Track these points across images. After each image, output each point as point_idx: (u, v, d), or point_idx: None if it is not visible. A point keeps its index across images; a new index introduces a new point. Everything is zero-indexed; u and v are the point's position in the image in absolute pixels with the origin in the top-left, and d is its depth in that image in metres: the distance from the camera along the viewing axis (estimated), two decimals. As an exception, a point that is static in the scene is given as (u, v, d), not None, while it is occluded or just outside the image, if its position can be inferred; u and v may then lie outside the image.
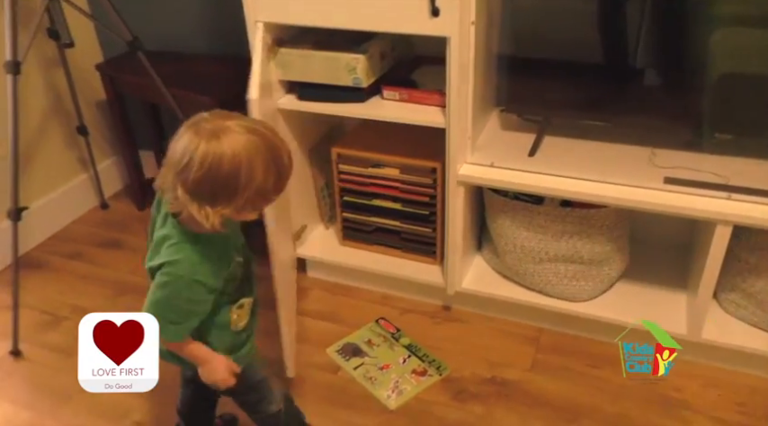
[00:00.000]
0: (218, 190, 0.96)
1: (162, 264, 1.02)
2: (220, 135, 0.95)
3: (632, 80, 1.61)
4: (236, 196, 0.97)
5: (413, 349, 1.69)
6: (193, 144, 0.94)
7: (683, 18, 1.49)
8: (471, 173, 1.57)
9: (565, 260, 1.63)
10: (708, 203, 1.40)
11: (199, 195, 0.96)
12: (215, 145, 0.94)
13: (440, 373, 1.61)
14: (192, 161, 0.94)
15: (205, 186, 0.95)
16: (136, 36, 1.81)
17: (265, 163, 0.97)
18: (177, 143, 0.97)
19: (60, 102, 2.22)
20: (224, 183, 0.95)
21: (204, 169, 0.94)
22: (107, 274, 2.07)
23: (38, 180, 2.20)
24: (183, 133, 0.97)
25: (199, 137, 0.95)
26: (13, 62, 1.63)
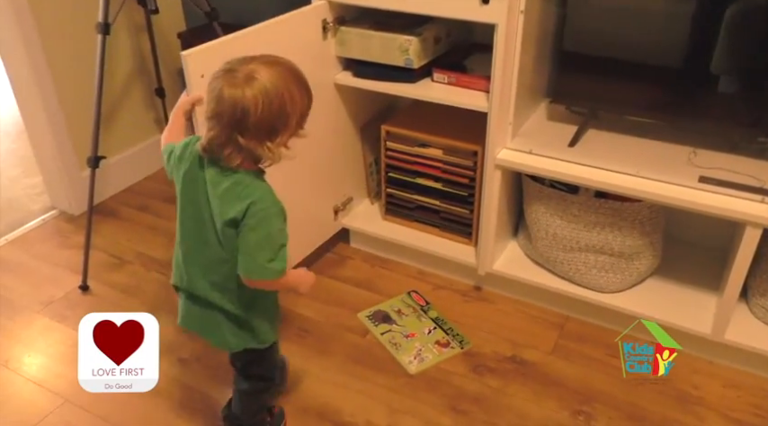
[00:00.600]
0: (275, 123, 1.08)
1: (247, 207, 1.09)
2: (255, 76, 1.05)
3: (681, 81, 1.62)
4: (288, 122, 1.10)
5: (439, 322, 1.77)
6: (238, 94, 1.04)
7: (742, 21, 1.49)
8: (509, 157, 1.63)
9: (595, 250, 1.66)
10: (739, 204, 1.41)
11: (259, 135, 1.07)
12: (257, 86, 1.05)
13: (462, 347, 1.69)
14: (246, 109, 1.04)
15: (264, 124, 1.06)
16: (213, 7, 1.96)
17: (297, 85, 1.11)
18: (218, 102, 1.06)
19: (144, 65, 2.41)
20: (278, 114, 1.07)
21: (259, 110, 1.05)
22: (170, 226, 2.23)
23: (118, 135, 2.41)
24: (219, 90, 1.06)
25: (237, 87, 1.04)
26: (104, 23, 1.80)
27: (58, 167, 2.25)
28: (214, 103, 1.07)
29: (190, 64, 1.33)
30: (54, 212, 2.36)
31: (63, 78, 2.14)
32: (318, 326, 1.77)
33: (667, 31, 1.55)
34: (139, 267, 2.06)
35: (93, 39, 1.84)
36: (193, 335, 1.75)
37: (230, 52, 1.46)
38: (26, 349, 1.75)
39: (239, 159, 1.10)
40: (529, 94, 1.72)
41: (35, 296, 1.93)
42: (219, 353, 1.69)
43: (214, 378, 1.63)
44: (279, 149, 1.10)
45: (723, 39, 1.49)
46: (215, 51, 1.40)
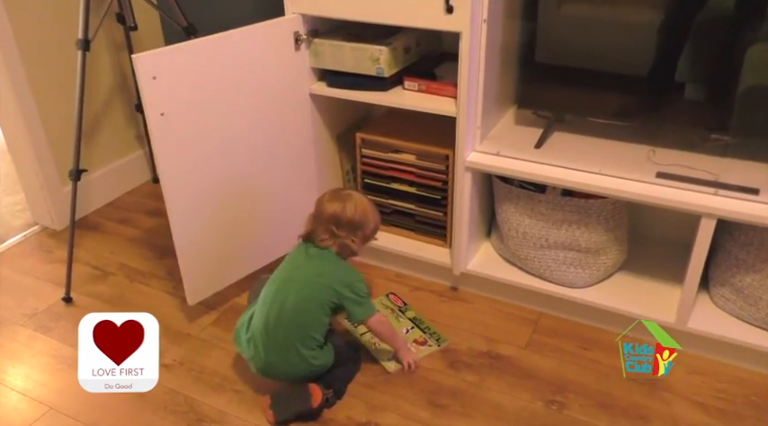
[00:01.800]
0: (361, 225, 1.58)
1: (344, 277, 1.54)
2: (351, 195, 1.59)
3: (648, 88, 1.70)
4: (364, 229, 1.59)
5: (417, 321, 1.82)
6: (337, 202, 1.56)
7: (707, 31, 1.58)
8: (478, 160, 1.70)
9: (564, 247, 1.73)
10: (694, 197, 1.49)
11: (350, 229, 1.56)
12: (351, 204, 1.56)
13: (438, 344, 1.74)
14: (343, 211, 1.55)
15: (354, 222, 1.56)
16: (191, 22, 2.02)
17: (374, 211, 1.63)
18: (321, 209, 1.57)
19: (124, 81, 2.46)
20: (360, 222, 1.57)
21: (351, 214, 1.55)
22: (152, 239, 2.28)
23: (99, 151, 2.45)
24: (324, 201, 1.58)
25: (336, 199, 1.57)
26: (84, 40, 1.85)
27: (40, 183, 2.28)
28: (318, 207, 1.59)
29: (140, 66, 1.39)
30: (36, 228, 2.39)
31: (44, 95, 2.19)
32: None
33: (634, 42, 1.63)
34: (122, 278, 2.09)
35: (73, 56, 1.89)
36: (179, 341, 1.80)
37: (186, 57, 1.55)
38: (10, 360, 1.77)
39: (328, 244, 1.56)
40: (496, 100, 1.80)
41: (18, 309, 1.96)
42: (203, 357, 1.73)
43: (199, 381, 1.66)
44: (356, 244, 1.59)
45: (689, 47, 1.58)
46: (168, 55, 1.48)
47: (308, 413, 1.53)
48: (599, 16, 1.67)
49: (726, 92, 1.59)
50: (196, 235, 1.70)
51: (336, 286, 1.52)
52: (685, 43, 1.59)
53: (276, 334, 1.52)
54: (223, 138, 1.67)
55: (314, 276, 1.54)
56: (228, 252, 1.82)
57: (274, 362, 1.54)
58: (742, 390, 1.58)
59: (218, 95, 1.62)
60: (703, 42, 1.58)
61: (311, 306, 1.52)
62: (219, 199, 1.73)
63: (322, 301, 1.52)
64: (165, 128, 1.53)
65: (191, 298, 1.77)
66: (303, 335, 1.52)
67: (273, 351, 1.53)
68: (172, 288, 2.02)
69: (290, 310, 1.51)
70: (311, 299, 1.52)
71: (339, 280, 1.53)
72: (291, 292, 1.53)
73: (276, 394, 1.56)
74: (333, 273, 1.54)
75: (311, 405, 1.52)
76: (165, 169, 1.59)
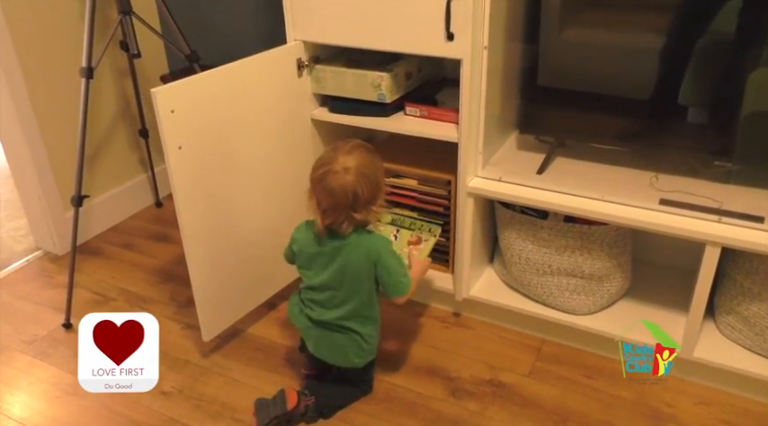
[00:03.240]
0: (375, 193, 1.45)
1: (378, 247, 1.48)
2: (350, 168, 1.41)
3: (650, 112, 1.70)
4: (381, 191, 1.48)
5: (397, 222, 1.80)
6: (345, 184, 1.40)
7: (710, 55, 1.58)
8: (480, 185, 1.69)
9: (567, 273, 1.72)
10: (698, 225, 1.48)
11: (367, 205, 1.44)
12: (354, 173, 1.41)
13: (433, 234, 1.72)
14: (356, 193, 1.41)
15: (368, 197, 1.43)
16: (194, 50, 2.04)
17: (374, 155, 1.49)
18: (330, 195, 1.41)
19: (128, 107, 2.48)
20: (375, 187, 1.45)
21: (364, 191, 1.42)
22: (154, 263, 2.28)
23: (103, 176, 2.45)
24: (327, 184, 1.41)
25: (341, 179, 1.41)
26: (88, 68, 1.87)
27: (43, 208, 2.29)
28: (329, 198, 1.42)
29: (160, 100, 1.40)
30: (38, 253, 2.39)
31: (48, 122, 2.20)
32: (299, 355, 1.79)
33: (636, 65, 1.63)
34: (123, 303, 2.08)
35: (77, 83, 1.90)
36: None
37: (201, 89, 1.55)
38: (7, 387, 1.76)
39: (353, 226, 1.46)
40: (498, 125, 1.80)
41: (18, 335, 1.95)
42: (203, 384, 1.72)
43: (198, 409, 1.64)
44: (379, 211, 1.49)
45: (691, 71, 1.58)
46: (184, 88, 1.49)
47: (283, 416, 1.54)
48: (601, 40, 1.67)
49: (729, 116, 1.58)
50: (212, 268, 1.69)
51: (370, 261, 1.48)
52: (687, 67, 1.59)
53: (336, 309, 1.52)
54: (234, 168, 1.67)
55: (355, 261, 1.48)
56: (242, 284, 1.81)
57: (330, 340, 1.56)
58: (749, 422, 1.55)
59: (229, 125, 1.63)
60: (705, 66, 1.58)
61: (369, 285, 1.51)
62: (233, 229, 1.72)
63: (371, 277, 1.50)
64: (183, 162, 1.52)
65: (206, 334, 1.75)
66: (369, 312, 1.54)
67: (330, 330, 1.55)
68: (173, 314, 2.00)
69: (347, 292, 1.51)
70: (366, 278, 1.50)
71: (373, 255, 1.47)
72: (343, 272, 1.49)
73: (258, 402, 1.56)
74: (365, 252, 1.47)
75: (286, 408, 1.54)
76: (182, 203, 1.55)
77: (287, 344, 1.85)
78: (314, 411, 1.58)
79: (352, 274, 1.48)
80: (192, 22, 2.29)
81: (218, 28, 2.41)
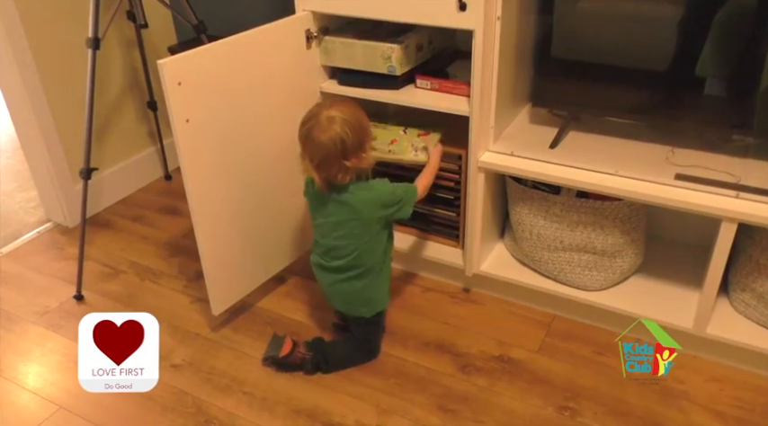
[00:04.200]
0: (362, 138, 1.47)
1: (381, 191, 1.54)
2: (334, 117, 1.44)
3: (667, 83, 1.66)
4: (368, 136, 1.50)
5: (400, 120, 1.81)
6: (332, 134, 1.43)
7: (730, 25, 1.53)
8: (492, 160, 1.66)
9: (578, 249, 1.70)
10: (715, 200, 1.44)
11: (356, 151, 1.46)
12: (339, 122, 1.43)
13: (437, 130, 1.75)
14: (343, 140, 1.43)
15: (356, 143, 1.45)
16: (201, 20, 2.00)
17: (360, 112, 1.50)
18: (319, 147, 1.44)
19: (136, 78, 2.46)
20: (360, 132, 1.47)
21: (350, 136, 1.44)
22: (164, 236, 2.28)
23: (111, 148, 2.44)
24: (315, 137, 1.44)
25: (327, 130, 1.43)
26: (94, 38, 1.84)
27: (53, 181, 2.29)
28: (319, 151, 1.44)
29: (166, 72, 1.37)
30: (49, 225, 2.39)
31: (56, 93, 2.18)
32: (308, 330, 1.80)
33: (654, 36, 1.58)
34: (133, 276, 2.09)
35: (84, 55, 1.88)
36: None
37: (208, 61, 1.52)
38: (21, 358, 1.77)
39: (349, 175, 1.49)
40: (510, 98, 1.76)
41: (30, 306, 1.96)
42: (213, 358, 1.73)
43: (208, 382, 1.65)
44: (370, 155, 1.52)
45: (710, 42, 1.53)
46: (191, 59, 1.46)
47: (274, 360, 1.65)
48: (617, 10, 1.62)
49: (748, 88, 1.53)
50: (221, 242, 1.68)
51: (380, 212, 1.54)
52: (706, 38, 1.54)
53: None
54: (242, 141, 1.65)
55: (359, 214, 1.53)
56: (251, 257, 1.81)
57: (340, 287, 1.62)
58: (761, 398, 1.54)
59: (237, 97, 1.60)
60: (724, 37, 1.53)
61: (376, 237, 1.57)
62: (242, 203, 1.71)
63: (380, 227, 1.57)
64: (191, 135, 1.50)
65: (215, 308, 1.75)
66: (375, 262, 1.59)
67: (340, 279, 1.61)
68: (182, 287, 2.01)
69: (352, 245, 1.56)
70: (373, 231, 1.56)
71: (378, 205, 1.53)
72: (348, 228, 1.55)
73: (271, 338, 1.68)
74: (368, 204, 1.52)
75: (278, 354, 1.64)
76: (191, 177, 1.54)
77: (296, 318, 1.85)
78: (310, 365, 1.65)
79: (357, 225, 1.53)
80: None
81: (227, -2, 2.37)
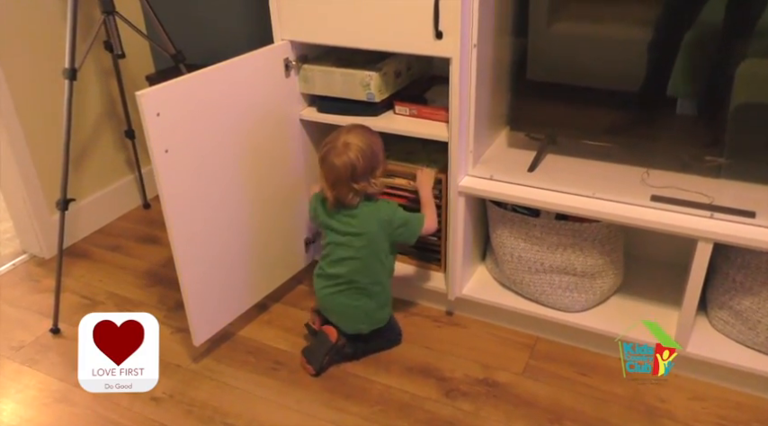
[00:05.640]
0: (374, 165, 1.60)
1: (387, 208, 1.65)
2: (350, 144, 1.57)
3: (639, 104, 1.69)
4: (380, 164, 1.62)
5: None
6: (345, 159, 1.55)
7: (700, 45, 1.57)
8: (471, 184, 1.68)
9: (559, 271, 1.71)
10: (690, 221, 1.47)
11: (366, 177, 1.59)
12: (354, 149, 1.56)
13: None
14: (354, 166, 1.56)
15: (366, 169, 1.58)
16: (179, 50, 2.01)
17: (373, 134, 1.62)
18: (332, 169, 1.57)
19: (113, 107, 2.44)
20: (372, 160, 1.59)
21: (361, 163, 1.56)
22: (142, 266, 2.25)
23: (89, 177, 2.42)
24: (330, 160, 1.57)
25: (341, 154, 1.56)
26: (71, 69, 1.83)
27: (29, 212, 2.25)
28: (332, 172, 1.58)
29: (145, 103, 1.37)
30: (25, 256, 2.35)
31: (31, 124, 2.16)
32: (292, 358, 1.78)
33: (625, 57, 1.62)
34: (112, 307, 2.05)
35: (60, 84, 1.87)
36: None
37: (187, 91, 1.53)
38: (-4, 395, 1.73)
39: (358, 198, 1.62)
40: (488, 123, 1.78)
41: (5, 341, 1.92)
42: (194, 389, 1.70)
43: (189, 415, 1.62)
44: (379, 182, 1.63)
45: (680, 63, 1.57)
46: (170, 90, 1.46)
47: (332, 350, 1.71)
48: (589, 33, 1.66)
49: (718, 108, 1.58)
50: (202, 271, 1.67)
51: (384, 228, 1.63)
52: (676, 58, 1.58)
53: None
54: (221, 170, 1.65)
55: (365, 232, 1.63)
56: (232, 286, 1.79)
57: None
58: (743, 416, 1.55)
59: (217, 127, 1.60)
60: (694, 58, 1.57)
61: (377, 255, 1.66)
62: (222, 231, 1.70)
63: (383, 247, 1.66)
64: (170, 165, 1.50)
65: (197, 338, 1.73)
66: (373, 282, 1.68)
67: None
68: (162, 317, 1.98)
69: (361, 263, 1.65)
70: (375, 249, 1.65)
71: (382, 221, 1.63)
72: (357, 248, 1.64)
73: (306, 350, 1.74)
74: (373, 219, 1.63)
75: (331, 342, 1.70)
76: (170, 207, 1.53)
77: (279, 347, 1.83)
78: (350, 347, 1.73)
79: (363, 242, 1.63)
80: (176, 21, 2.25)
81: (203, 27, 2.38)
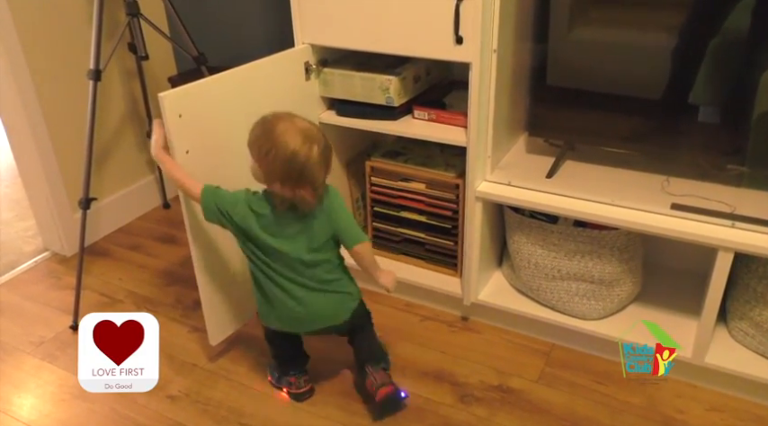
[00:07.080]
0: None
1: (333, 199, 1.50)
2: (312, 133, 1.43)
3: (660, 111, 1.68)
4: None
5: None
6: (317, 145, 1.42)
7: (723, 53, 1.56)
8: (489, 190, 1.68)
9: (576, 278, 1.70)
10: (711, 230, 1.46)
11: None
12: (319, 135, 1.45)
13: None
14: (328, 148, 1.46)
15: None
16: (201, 52, 2.03)
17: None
18: (316, 155, 1.41)
19: (136, 108, 2.48)
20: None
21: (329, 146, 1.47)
22: (161, 265, 2.28)
23: (111, 177, 2.45)
24: (313, 146, 1.41)
25: (313, 140, 1.41)
26: (96, 70, 1.87)
27: (51, 210, 2.29)
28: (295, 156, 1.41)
29: (167, 105, 1.39)
30: (47, 254, 2.39)
31: (56, 123, 2.20)
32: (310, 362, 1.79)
33: (648, 64, 1.61)
34: (130, 305, 2.08)
35: (84, 85, 1.90)
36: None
37: (208, 93, 1.54)
38: (15, 389, 1.76)
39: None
40: (507, 128, 1.78)
41: (26, 337, 1.95)
42: (210, 389, 1.71)
43: (205, 414, 1.64)
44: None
45: (704, 70, 1.56)
46: (192, 92, 1.47)
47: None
48: (611, 38, 1.65)
49: (741, 116, 1.56)
50: (219, 271, 1.68)
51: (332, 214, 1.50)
52: (699, 66, 1.56)
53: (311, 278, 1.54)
54: (241, 172, 1.65)
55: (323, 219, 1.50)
56: (249, 287, 1.78)
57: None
58: (763, 428, 1.53)
59: (237, 129, 1.60)
60: (718, 65, 1.55)
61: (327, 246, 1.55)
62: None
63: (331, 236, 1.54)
64: (191, 166, 1.51)
65: (213, 338, 1.74)
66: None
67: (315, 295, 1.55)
68: (180, 316, 2.00)
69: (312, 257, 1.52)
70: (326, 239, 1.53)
71: (335, 209, 1.50)
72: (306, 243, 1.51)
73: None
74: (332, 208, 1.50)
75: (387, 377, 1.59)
76: (189, 208, 1.55)
77: (294, 348, 1.84)
78: (387, 378, 1.60)
79: (326, 232, 1.51)
80: (199, 23, 2.29)
81: (225, 30, 2.41)
